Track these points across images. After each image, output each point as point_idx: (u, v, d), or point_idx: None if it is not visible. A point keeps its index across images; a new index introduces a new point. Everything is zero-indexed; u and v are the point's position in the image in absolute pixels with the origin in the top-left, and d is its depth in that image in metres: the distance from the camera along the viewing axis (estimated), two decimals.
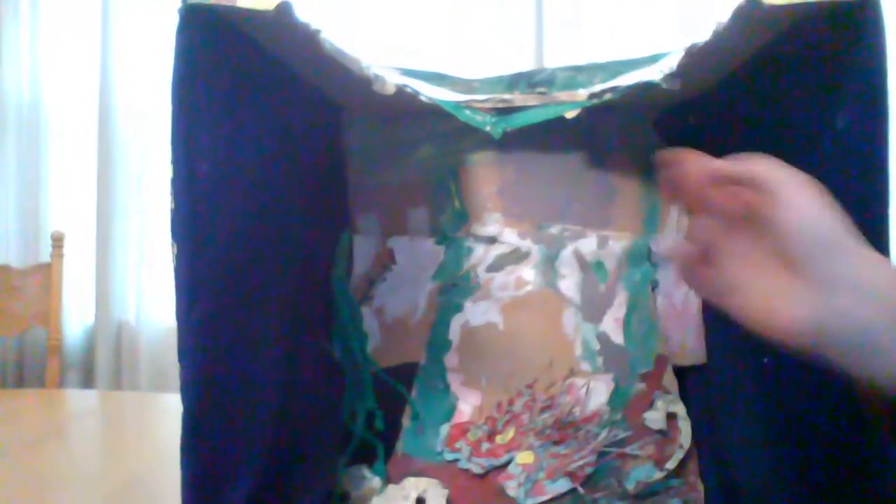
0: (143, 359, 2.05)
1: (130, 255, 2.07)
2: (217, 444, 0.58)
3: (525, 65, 1.90)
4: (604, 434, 0.81)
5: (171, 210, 0.55)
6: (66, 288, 1.92)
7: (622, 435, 0.81)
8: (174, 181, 0.55)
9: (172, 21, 0.55)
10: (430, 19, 1.96)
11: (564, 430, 0.82)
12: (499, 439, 0.83)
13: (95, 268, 2.05)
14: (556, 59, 1.89)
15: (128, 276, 2.07)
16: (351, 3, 1.97)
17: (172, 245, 0.55)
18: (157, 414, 1.33)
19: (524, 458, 0.81)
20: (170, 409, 1.37)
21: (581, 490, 0.78)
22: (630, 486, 0.78)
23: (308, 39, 0.62)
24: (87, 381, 2.09)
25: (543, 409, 0.84)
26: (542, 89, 0.79)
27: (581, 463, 0.79)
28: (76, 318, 2.11)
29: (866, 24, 0.52)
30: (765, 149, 0.67)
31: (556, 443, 0.82)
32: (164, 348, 2.06)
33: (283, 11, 0.55)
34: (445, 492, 0.80)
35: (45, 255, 1.96)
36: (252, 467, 0.61)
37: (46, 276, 1.88)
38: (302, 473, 0.71)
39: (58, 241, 1.90)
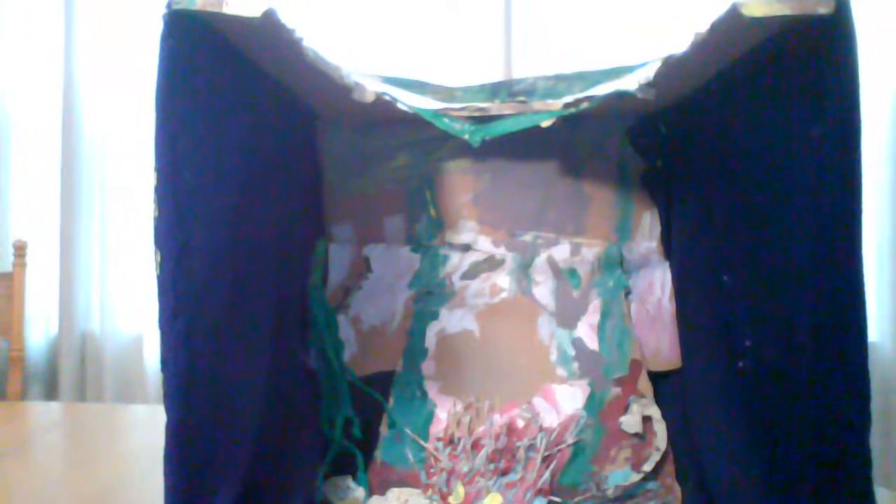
0: (107, 369, 2.01)
1: (94, 264, 2.03)
2: (201, 452, 0.57)
3: (494, 75, 1.91)
4: (540, 442, 0.81)
5: (155, 217, 0.55)
6: (28, 298, 1.88)
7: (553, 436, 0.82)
8: (157, 188, 0.55)
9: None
10: (397, 29, 1.96)
11: (501, 458, 0.82)
12: (452, 501, 0.82)
13: (59, 277, 2.02)
14: (524, 69, 1.90)
15: (92, 285, 2.04)
16: (316, 15, 1.97)
17: (156, 253, 0.55)
18: (123, 426, 1.31)
19: (492, 500, 0.81)
20: (136, 420, 1.35)
21: (557, 500, 0.78)
22: (609, 490, 0.79)
23: (291, 47, 0.62)
24: (51, 394, 2.05)
25: (473, 448, 0.83)
26: (522, 98, 0.80)
27: (544, 477, 0.79)
28: (39, 328, 2.07)
29: (839, 37, 0.54)
30: (737, 158, 0.69)
31: (504, 473, 0.81)
32: (129, 359, 2.03)
33: (270, 18, 0.55)
34: (428, 503, 0.80)
35: (6, 265, 1.92)
36: (236, 475, 0.61)
37: (8, 285, 1.84)
38: (284, 481, 0.71)
39: (20, 249, 1.87)
